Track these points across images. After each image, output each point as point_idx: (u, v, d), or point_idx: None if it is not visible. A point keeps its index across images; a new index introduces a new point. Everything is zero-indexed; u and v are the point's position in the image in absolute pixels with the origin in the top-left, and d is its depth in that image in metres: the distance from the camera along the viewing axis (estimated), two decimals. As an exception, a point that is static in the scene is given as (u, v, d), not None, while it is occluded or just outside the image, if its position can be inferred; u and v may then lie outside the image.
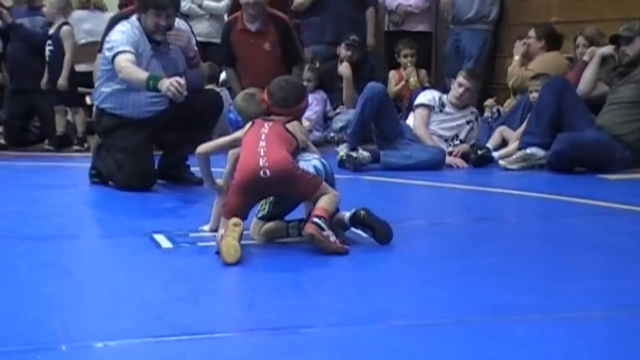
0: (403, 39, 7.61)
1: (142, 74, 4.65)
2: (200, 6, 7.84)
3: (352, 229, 3.59)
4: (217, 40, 7.18)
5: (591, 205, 4.36)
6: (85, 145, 6.87)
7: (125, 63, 4.67)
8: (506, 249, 3.55)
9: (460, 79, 6.11)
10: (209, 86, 7.37)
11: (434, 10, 8.20)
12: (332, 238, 3.36)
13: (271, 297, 2.85)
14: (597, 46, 6.07)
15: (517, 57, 6.64)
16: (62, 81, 6.76)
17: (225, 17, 8.21)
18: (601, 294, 2.85)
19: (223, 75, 7.34)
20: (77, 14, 7.63)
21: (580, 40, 6.32)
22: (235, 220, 3.35)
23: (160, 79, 4.57)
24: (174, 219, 4.25)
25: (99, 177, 5.09)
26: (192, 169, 5.16)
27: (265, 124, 3.57)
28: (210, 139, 4.00)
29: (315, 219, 3.35)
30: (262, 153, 3.42)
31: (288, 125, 3.58)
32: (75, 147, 6.87)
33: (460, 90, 6.06)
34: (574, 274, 3.12)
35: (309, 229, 3.34)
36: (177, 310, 2.69)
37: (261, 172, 3.39)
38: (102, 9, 8.06)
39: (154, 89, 4.59)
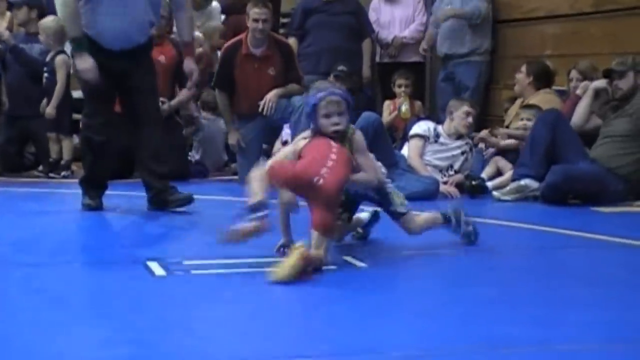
0: (399, 70, 7.65)
1: (72, 27, 4.85)
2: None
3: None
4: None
5: (585, 237, 4.37)
6: (69, 171, 6.88)
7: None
8: (500, 281, 3.56)
9: (467, 107, 6.14)
10: (206, 113, 7.41)
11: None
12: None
13: (265, 326, 2.85)
14: (590, 80, 6.12)
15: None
16: (49, 110, 6.79)
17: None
18: (596, 326, 2.85)
19: None
20: None
21: (574, 74, 6.37)
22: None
23: (80, 49, 4.81)
24: (168, 246, 4.25)
25: (91, 200, 5.09)
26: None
27: (333, 143, 3.66)
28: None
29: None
30: (329, 165, 3.54)
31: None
32: (63, 173, 6.88)
33: (470, 119, 6.11)
34: (568, 306, 3.12)
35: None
36: (171, 339, 2.68)
37: (315, 179, 3.50)
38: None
39: (71, 53, 4.91)
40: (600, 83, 5.98)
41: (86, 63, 4.81)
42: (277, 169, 3.60)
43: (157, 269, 3.59)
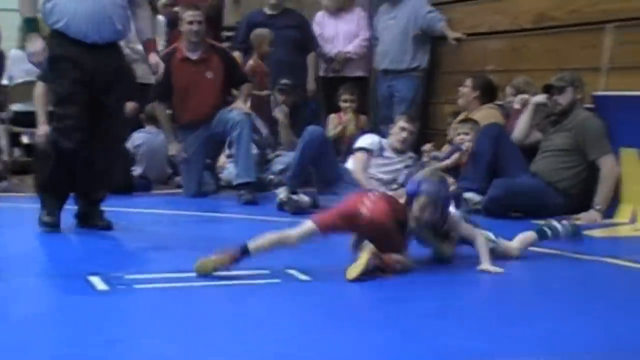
0: (345, 84, 7.68)
1: (25, 7, 4.73)
2: (133, 50, 7.80)
3: None
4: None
5: (526, 250, 4.42)
6: (4, 183, 6.77)
7: None
8: (443, 294, 3.58)
9: (402, 123, 6.19)
10: (149, 126, 7.35)
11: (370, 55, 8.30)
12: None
13: (209, 341, 2.83)
14: (524, 94, 6.24)
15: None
16: None
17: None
18: (540, 338, 2.88)
19: None
20: (14, 53, 7.56)
21: (509, 90, 6.47)
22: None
23: (30, 30, 4.69)
24: (110, 261, 4.20)
25: (49, 216, 4.87)
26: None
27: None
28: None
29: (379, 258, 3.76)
30: (371, 199, 3.88)
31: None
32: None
33: (404, 134, 6.15)
34: (512, 319, 3.16)
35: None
36: (114, 353, 2.65)
37: (362, 210, 3.82)
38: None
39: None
40: (540, 98, 6.08)
41: (35, 45, 4.67)
42: (321, 220, 3.90)
43: (99, 283, 3.54)
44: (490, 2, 7.50)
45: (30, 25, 4.73)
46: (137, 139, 7.30)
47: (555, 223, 4.35)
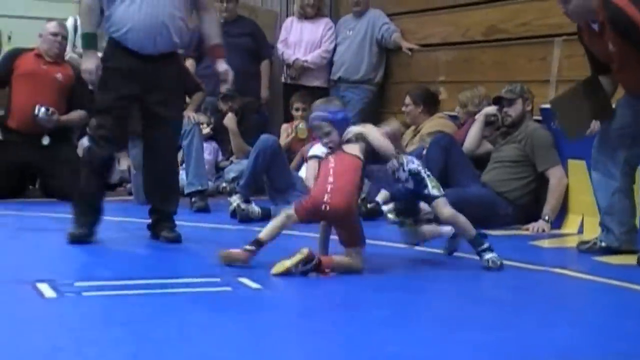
0: (297, 93, 7.70)
1: (84, 22, 4.68)
2: (81, 55, 7.75)
3: None
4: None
5: (474, 260, 4.48)
6: None
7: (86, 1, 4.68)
8: (391, 302, 3.61)
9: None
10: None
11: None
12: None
13: (157, 349, 2.82)
14: (465, 107, 6.33)
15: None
16: None
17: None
18: (485, 346, 2.92)
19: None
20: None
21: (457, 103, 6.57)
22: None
23: (89, 46, 4.62)
24: (59, 268, 4.16)
25: (79, 228, 4.72)
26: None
27: (331, 158, 4.10)
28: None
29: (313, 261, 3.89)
30: (328, 189, 3.95)
31: (348, 149, 4.09)
32: None
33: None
34: (458, 327, 3.19)
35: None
36: (59, 361, 2.63)
37: (322, 206, 3.93)
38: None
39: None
40: (491, 109, 6.17)
41: (90, 63, 4.58)
42: (297, 209, 4.01)
43: (47, 290, 3.51)
44: (442, 14, 7.58)
45: (86, 41, 4.64)
46: (85, 143, 7.23)
47: (490, 249, 4.30)
